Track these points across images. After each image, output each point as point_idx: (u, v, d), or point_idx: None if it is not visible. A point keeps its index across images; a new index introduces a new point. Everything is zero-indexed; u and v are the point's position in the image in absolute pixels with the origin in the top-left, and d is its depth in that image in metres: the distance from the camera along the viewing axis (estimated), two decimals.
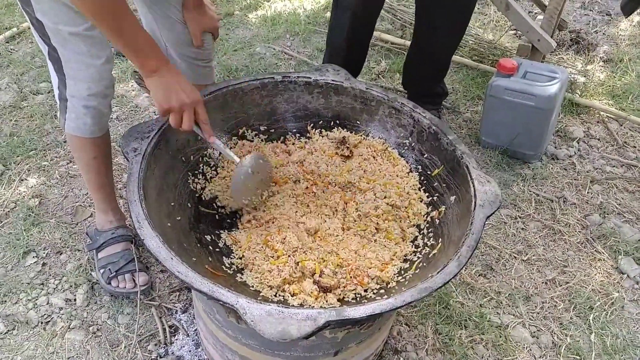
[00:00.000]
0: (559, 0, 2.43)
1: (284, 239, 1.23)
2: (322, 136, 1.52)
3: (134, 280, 1.60)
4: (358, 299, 1.16)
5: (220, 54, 2.74)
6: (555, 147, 2.28)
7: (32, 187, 1.94)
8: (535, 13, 3.27)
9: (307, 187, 1.40)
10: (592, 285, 1.75)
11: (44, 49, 1.37)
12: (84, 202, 1.90)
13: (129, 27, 1.13)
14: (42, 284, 1.64)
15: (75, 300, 1.60)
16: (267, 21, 3.10)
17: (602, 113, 2.49)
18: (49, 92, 2.37)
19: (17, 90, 2.37)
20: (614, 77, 2.74)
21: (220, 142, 1.27)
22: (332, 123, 1.54)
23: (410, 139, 1.46)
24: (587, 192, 2.08)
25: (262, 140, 1.50)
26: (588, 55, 2.93)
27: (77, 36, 1.30)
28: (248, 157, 1.28)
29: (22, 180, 1.97)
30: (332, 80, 1.51)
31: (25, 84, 2.42)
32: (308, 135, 1.53)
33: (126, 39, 1.14)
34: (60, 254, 1.73)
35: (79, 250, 1.74)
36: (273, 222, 1.30)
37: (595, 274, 1.79)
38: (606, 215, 1.99)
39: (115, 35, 1.13)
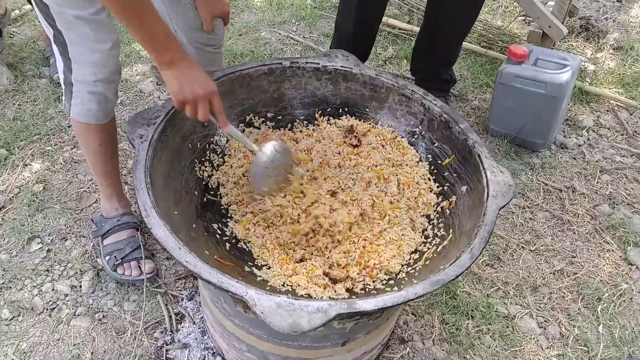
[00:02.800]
0: None
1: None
2: (330, 124, 1.49)
3: (140, 268, 1.59)
4: (367, 289, 1.15)
5: (225, 38, 2.70)
6: (565, 136, 2.25)
7: (36, 172, 1.93)
8: None
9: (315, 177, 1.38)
10: (601, 276, 1.73)
11: (49, 32, 1.34)
12: (88, 188, 1.89)
13: (149, 20, 1.10)
14: (47, 270, 1.63)
15: (80, 286, 1.59)
16: (272, 5, 3.05)
17: (612, 102, 2.45)
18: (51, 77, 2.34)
19: (19, 73, 2.34)
20: (624, 65, 2.69)
21: (237, 131, 1.25)
22: (340, 110, 1.51)
23: (420, 127, 1.43)
24: (597, 182, 2.06)
25: (269, 128, 1.47)
26: (598, 42, 2.88)
27: (83, 20, 1.27)
28: (268, 145, 1.25)
29: (25, 165, 1.95)
30: (341, 67, 1.48)
31: (28, 67, 2.39)
32: (316, 122, 1.51)
33: (145, 31, 1.10)
34: (65, 240, 1.72)
35: (84, 237, 1.73)
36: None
37: (604, 265, 1.77)
38: (615, 206, 1.96)
39: (133, 27, 1.10)
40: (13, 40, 2.57)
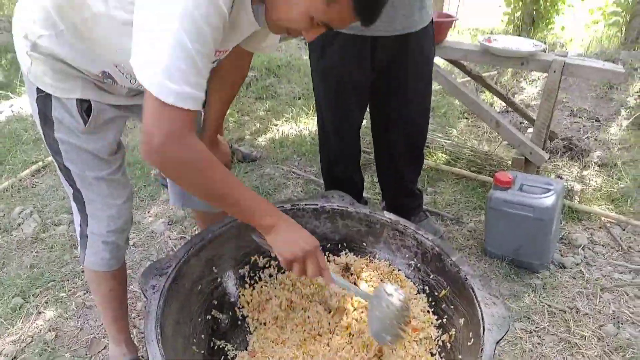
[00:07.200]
0: (546, 115, 2.61)
1: None
2: (330, 261, 1.58)
3: None
4: None
5: None
6: (562, 255, 2.31)
7: (49, 320, 1.97)
8: (526, 124, 3.46)
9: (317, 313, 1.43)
10: None
11: (69, 190, 1.45)
12: (98, 333, 1.92)
13: (240, 196, 1.13)
14: None
15: None
16: (275, 143, 3.31)
17: (603, 218, 2.54)
18: (69, 224, 2.48)
19: (39, 221, 2.49)
20: (611, 180, 2.83)
21: (343, 281, 1.29)
22: (339, 246, 1.61)
23: (415, 260, 1.51)
24: (599, 302, 2.07)
25: (273, 268, 1.55)
26: (582, 160, 3.06)
27: (101, 180, 1.41)
28: (383, 289, 1.29)
29: (39, 313, 2.01)
30: (338, 206, 1.60)
31: (47, 216, 2.55)
32: None
33: (239, 209, 1.14)
34: None
35: None
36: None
37: None
38: (620, 325, 1.96)
39: (228, 209, 1.15)
40: (35, 190, 2.77)
